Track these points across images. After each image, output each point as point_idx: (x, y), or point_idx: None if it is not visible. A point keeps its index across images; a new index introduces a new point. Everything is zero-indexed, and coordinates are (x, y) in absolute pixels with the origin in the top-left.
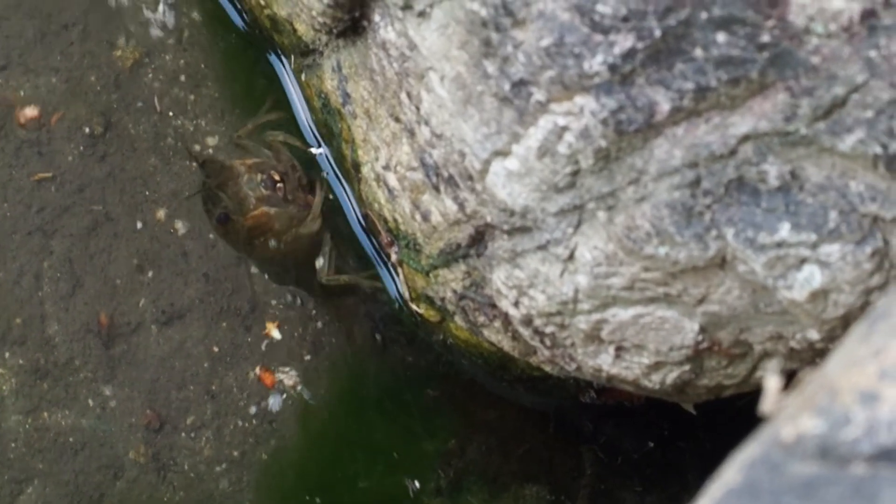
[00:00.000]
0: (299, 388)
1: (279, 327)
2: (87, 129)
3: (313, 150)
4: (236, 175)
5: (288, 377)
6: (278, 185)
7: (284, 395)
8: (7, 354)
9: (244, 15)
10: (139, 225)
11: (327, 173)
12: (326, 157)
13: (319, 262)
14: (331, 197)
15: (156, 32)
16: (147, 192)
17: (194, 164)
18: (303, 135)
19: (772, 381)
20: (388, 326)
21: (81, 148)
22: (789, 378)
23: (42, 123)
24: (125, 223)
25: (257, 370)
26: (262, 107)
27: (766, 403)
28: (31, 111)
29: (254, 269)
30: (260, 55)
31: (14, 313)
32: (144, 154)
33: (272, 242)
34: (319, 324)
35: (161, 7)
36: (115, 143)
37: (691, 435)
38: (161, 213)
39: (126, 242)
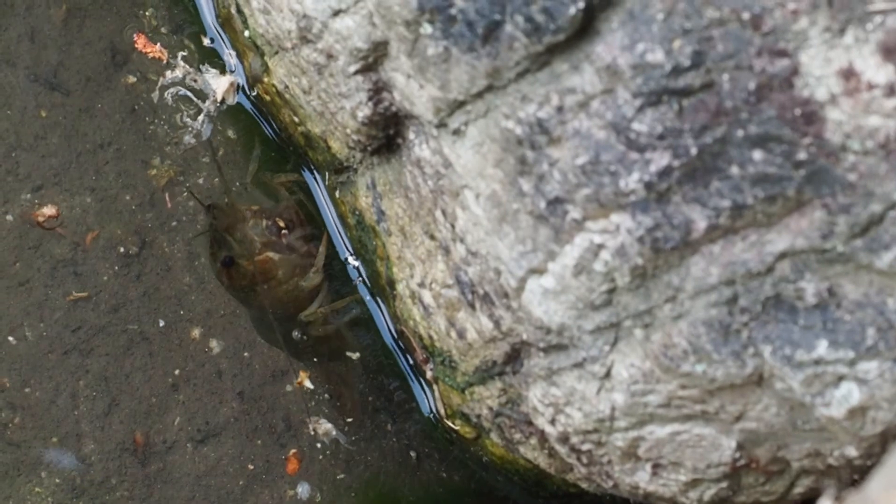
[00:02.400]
0: None
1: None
2: (122, 249)
3: (350, 261)
4: (242, 219)
5: (322, 492)
6: (283, 231)
7: None
8: (44, 473)
9: (278, 132)
10: (174, 344)
11: (356, 274)
12: (359, 270)
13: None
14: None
15: (190, 151)
16: (182, 311)
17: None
18: (335, 247)
19: None
20: (421, 443)
21: (116, 267)
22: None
23: (60, 222)
24: (160, 342)
25: (287, 454)
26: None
27: None
28: (48, 210)
29: (288, 387)
30: (294, 172)
31: (50, 432)
32: (179, 273)
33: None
34: (353, 438)
35: (196, 125)
36: (150, 262)
37: None
38: (196, 332)
39: (161, 361)
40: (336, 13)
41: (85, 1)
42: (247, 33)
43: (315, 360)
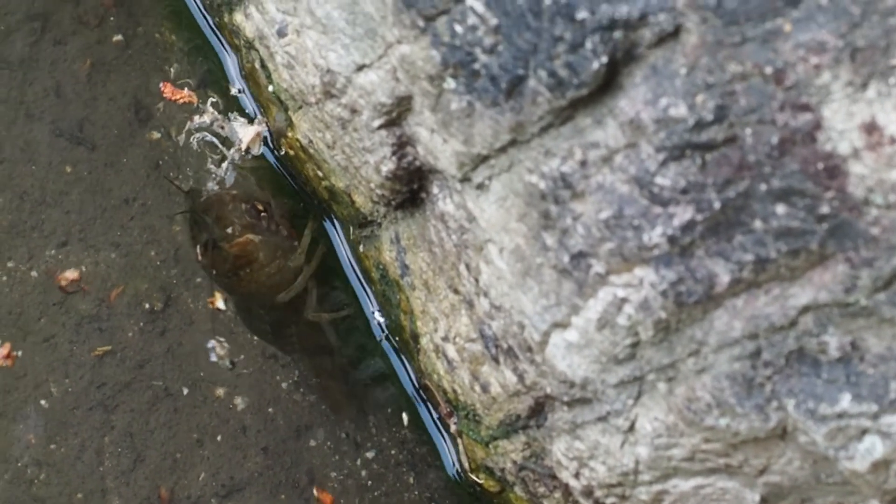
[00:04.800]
0: None
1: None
2: (146, 305)
3: (376, 316)
4: (221, 203)
5: None
6: (262, 213)
7: None
8: None
9: (302, 186)
10: (199, 400)
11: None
12: (381, 326)
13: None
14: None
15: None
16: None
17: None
18: (359, 300)
19: None
20: (444, 497)
21: (141, 323)
22: None
23: (82, 287)
24: (185, 398)
25: (315, 492)
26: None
27: None
28: (71, 273)
29: (312, 442)
30: (318, 225)
31: (75, 488)
32: (203, 329)
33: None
34: (375, 493)
35: (220, 172)
36: (174, 318)
37: None
38: (220, 389)
39: (186, 417)
40: (360, 68)
41: (109, 56)
42: (271, 88)
43: (302, 353)
